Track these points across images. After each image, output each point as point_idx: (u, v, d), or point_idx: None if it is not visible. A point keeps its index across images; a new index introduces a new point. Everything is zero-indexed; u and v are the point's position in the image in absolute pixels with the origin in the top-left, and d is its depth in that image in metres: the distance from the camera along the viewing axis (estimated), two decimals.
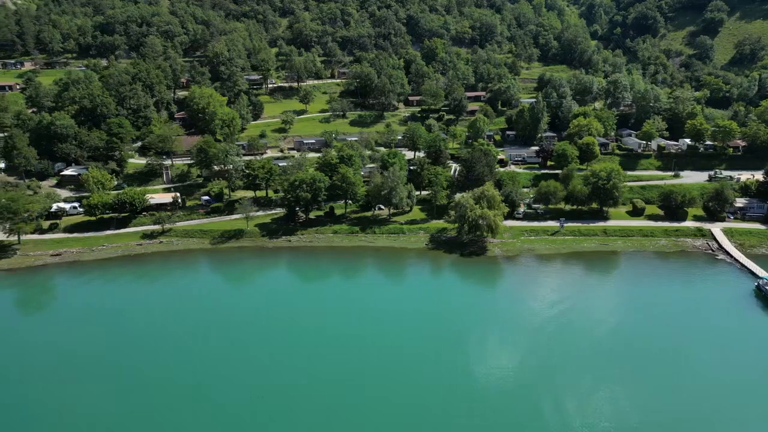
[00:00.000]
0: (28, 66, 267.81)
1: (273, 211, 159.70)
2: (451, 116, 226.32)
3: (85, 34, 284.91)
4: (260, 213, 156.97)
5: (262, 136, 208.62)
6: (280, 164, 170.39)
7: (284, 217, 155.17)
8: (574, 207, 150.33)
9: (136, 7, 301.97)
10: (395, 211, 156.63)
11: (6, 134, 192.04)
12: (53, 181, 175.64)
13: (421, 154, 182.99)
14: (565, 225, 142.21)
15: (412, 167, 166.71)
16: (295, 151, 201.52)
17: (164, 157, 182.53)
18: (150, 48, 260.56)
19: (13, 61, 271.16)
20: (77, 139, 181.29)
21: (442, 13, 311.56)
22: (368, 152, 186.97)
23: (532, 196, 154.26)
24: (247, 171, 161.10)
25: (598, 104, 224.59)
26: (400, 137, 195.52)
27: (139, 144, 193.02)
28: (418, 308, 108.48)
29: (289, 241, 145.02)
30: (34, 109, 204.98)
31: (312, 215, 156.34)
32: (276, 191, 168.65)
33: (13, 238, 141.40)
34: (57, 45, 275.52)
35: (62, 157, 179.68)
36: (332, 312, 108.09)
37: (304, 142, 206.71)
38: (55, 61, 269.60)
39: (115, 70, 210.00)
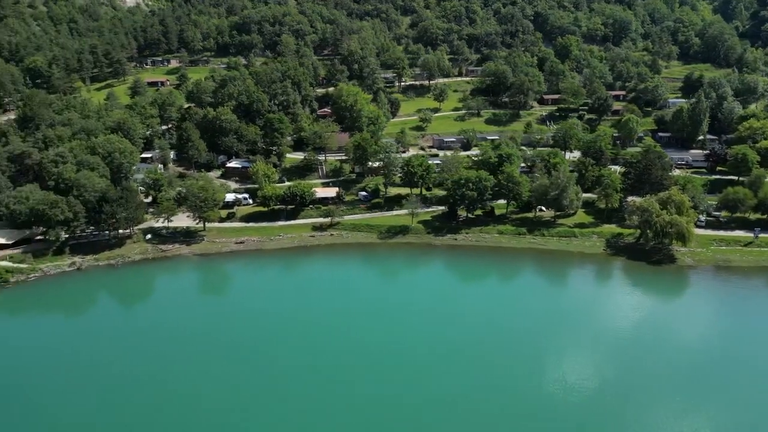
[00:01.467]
0: (174, 63, 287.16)
1: (430, 209, 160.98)
2: (592, 116, 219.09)
3: (222, 33, 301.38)
4: (421, 210, 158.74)
5: (401, 133, 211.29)
6: (430, 162, 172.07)
7: (445, 215, 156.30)
8: (764, 216, 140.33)
9: (268, 8, 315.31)
10: (558, 213, 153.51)
11: (169, 126, 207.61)
12: (217, 172, 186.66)
13: (574, 155, 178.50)
14: (759, 235, 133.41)
15: (570, 169, 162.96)
16: (435, 149, 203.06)
17: (320, 152, 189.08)
18: (285, 46, 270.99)
19: (160, 58, 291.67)
20: (237, 133, 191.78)
21: (570, 9, 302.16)
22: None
23: (712, 202, 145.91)
24: (406, 168, 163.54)
25: (758, 105, 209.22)
26: (550, 136, 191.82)
27: (289, 139, 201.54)
28: (630, 323, 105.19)
29: (455, 239, 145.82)
30: (191, 104, 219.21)
31: (470, 214, 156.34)
32: (428, 188, 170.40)
33: (200, 225, 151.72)
34: (198, 44, 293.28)
35: (225, 150, 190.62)
36: (541, 319, 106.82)
37: (445, 140, 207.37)
38: (197, 59, 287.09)
39: (268, 68, 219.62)
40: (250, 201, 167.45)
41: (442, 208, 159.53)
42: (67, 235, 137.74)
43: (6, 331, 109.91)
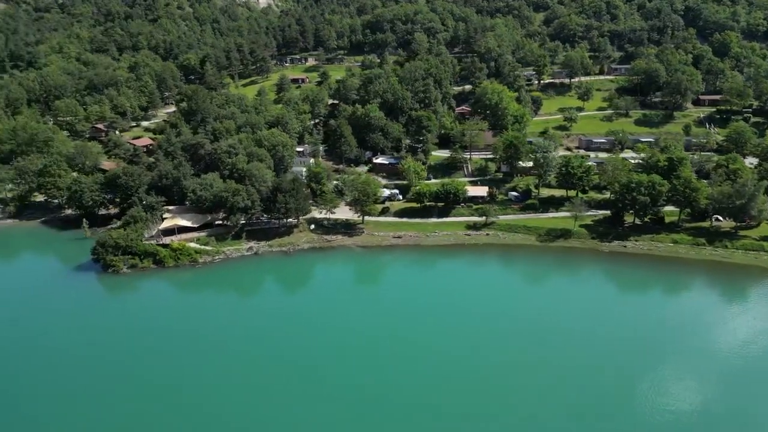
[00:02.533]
0: (310, 62, 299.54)
1: (588, 213, 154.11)
2: (758, 119, 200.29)
3: (355, 31, 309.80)
4: (582, 214, 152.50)
5: (544, 132, 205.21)
6: (588, 163, 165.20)
7: (609, 220, 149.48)
8: None
9: (400, 6, 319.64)
10: (740, 224, 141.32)
11: (317, 122, 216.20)
12: (364, 168, 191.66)
13: (748, 161, 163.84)
14: None
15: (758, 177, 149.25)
16: (582, 150, 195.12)
17: (465, 150, 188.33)
18: (419, 44, 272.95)
19: (298, 56, 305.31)
20: (383, 130, 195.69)
21: (727, 3, 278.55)
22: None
23: None
24: (565, 169, 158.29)
25: None
26: (717, 139, 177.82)
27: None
28: None
29: (624, 246, 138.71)
30: (336, 101, 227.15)
31: (639, 220, 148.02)
32: (584, 191, 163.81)
33: (358, 218, 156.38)
34: (333, 42, 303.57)
35: (371, 146, 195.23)
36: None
37: (594, 141, 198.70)
38: (332, 57, 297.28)
39: (411, 66, 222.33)
40: (400, 197, 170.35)
41: (604, 212, 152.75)
42: (243, 222, 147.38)
43: (195, 305, 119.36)
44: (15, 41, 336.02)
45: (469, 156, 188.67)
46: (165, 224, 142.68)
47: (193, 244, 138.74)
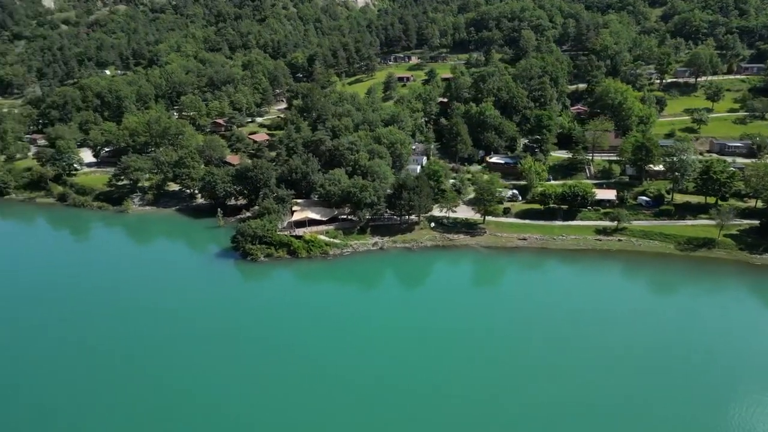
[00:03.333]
0: (413, 60, 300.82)
1: (734, 222, 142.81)
2: None
3: (458, 29, 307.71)
4: (727, 223, 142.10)
5: (670, 135, 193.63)
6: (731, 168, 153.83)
7: (757, 230, 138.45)
8: None
9: (505, 3, 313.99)
10: None
11: (428, 120, 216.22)
12: (477, 167, 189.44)
13: None
14: None
15: None
16: (714, 154, 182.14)
17: (586, 151, 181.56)
18: (526, 41, 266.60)
19: (401, 55, 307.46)
20: (497, 129, 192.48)
21: None
22: None
23: None
24: (706, 174, 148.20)
25: None
26: None
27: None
28: None
29: None
30: (445, 99, 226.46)
31: None
32: (724, 198, 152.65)
33: (479, 218, 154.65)
34: (436, 40, 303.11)
35: (485, 145, 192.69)
36: None
37: (728, 145, 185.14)
38: (435, 55, 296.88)
39: (527, 63, 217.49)
40: (519, 198, 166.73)
41: (750, 222, 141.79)
42: (368, 217, 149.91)
43: (329, 295, 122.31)
44: (136, 40, 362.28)
45: (591, 157, 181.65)
46: (296, 216, 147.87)
47: (323, 237, 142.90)
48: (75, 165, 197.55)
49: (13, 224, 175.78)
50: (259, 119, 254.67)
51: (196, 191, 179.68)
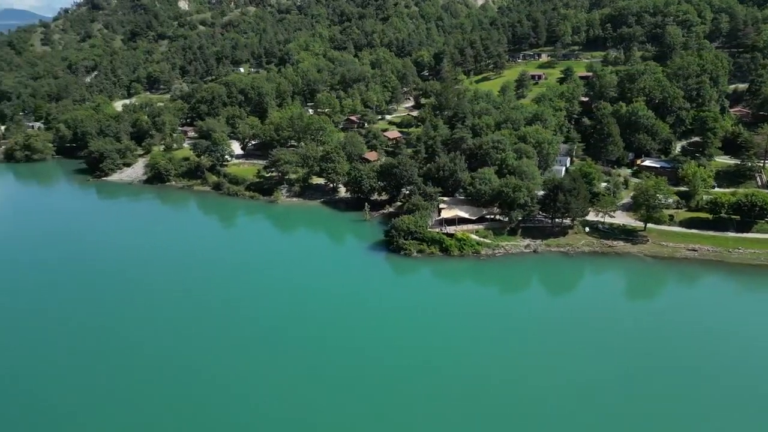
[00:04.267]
0: (543, 58, 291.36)
1: None
2: None
3: (592, 26, 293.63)
4: None
5: None
6: None
7: None
8: None
9: None
10: None
11: (570, 119, 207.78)
12: (626, 170, 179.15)
13: None
14: None
15: None
16: None
17: (757, 158, 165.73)
18: (672, 38, 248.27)
19: (531, 53, 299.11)
20: (650, 130, 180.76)
21: None
22: None
23: None
24: None
25: None
26: None
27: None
28: None
29: None
30: (588, 98, 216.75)
31: None
32: None
33: (638, 224, 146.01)
34: (568, 37, 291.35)
35: (636, 147, 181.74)
36: None
37: None
38: (569, 53, 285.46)
39: (683, 61, 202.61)
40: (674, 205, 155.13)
41: None
42: (520, 218, 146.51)
43: (485, 295, 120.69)
44: (267, 40, 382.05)
45: (762, 164, 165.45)
46: (446, 214, 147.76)
47: (473, 236, 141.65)
48: (226, 156, 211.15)
49: (183, 209, 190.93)
50: (388, 117, 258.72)
51: (340, 185, 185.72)
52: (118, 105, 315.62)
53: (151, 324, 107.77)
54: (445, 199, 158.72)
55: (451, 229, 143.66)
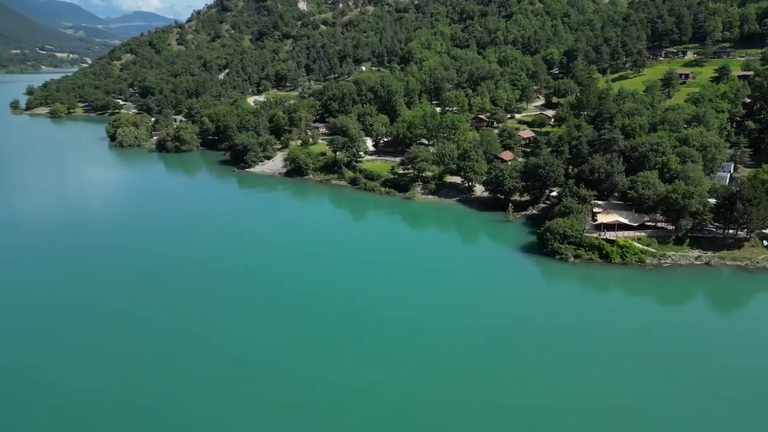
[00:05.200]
0: (689, 56, 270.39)
1: None
2: None
3: (747, 21, 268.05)
4: None
5: None
6: None
7: None
8: None
9: None
10: None
11: (733, 122, 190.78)
12: None
13: None
14: None
15: None
16: None
17: None
18: None
19: (674, 50, 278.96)
20: None
21: None
22: None
23: None
24: None
25: None
26: None
27: None
28: None
29: None
30: (746, 100, 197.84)
31: None
32: None
33: None
34: (718, 34, 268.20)
35: None
36: None
37: None
38: (720, 50, 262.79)
39: None
40: None
41: None
42: (689, 227, 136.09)
43: (658, 311, 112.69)
44: (387, 38, 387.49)
45: None
46: (604, 219, 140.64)
47: (636, 244, 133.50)
48: (361, 153, 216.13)
49: (322, 202, 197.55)
50: (517, 116, 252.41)
51: (476, 184, 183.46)
52: (249, 101, 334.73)
53: (285, 325, 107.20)
54: (599, 203, 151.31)
55: (609, 235, 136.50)
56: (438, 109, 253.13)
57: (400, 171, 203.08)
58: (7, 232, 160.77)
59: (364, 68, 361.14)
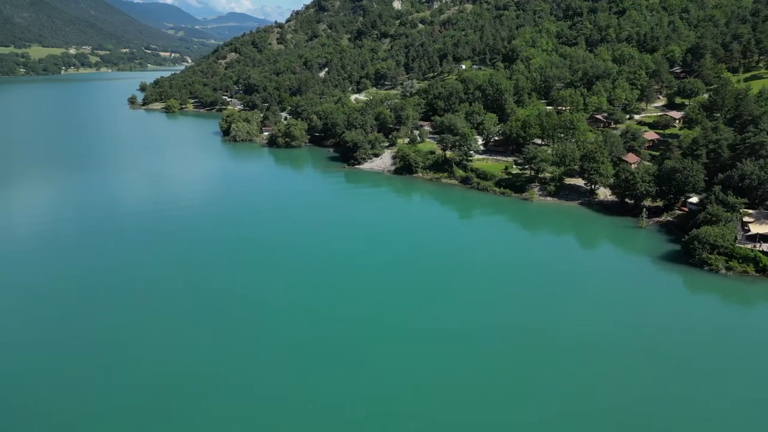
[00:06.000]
0: None
1: None
2: None
3: None
4: None
5: None
6: None
7: None
8: None
9: None
10: None
11: None
12: None
13: None
14: None
15: None
16: None
17: None
18: None
19: None
20: None
21: None
22: None
23: None
24: None
25: None
26: None
27: None
28: None
29: None
30: None
31: None
32: None
33: None
34: None
35: None
36: None
37: None
38: None
39: None
40: None
41: None
42: None
43: None
44: (489, 36, 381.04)
45: None
46: (760, 229, 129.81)
47: None
48: (471, 152, 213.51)
49: (436, 200, 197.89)
50: (636, 116, 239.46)
51: (600, 187, 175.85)
52: (350, 99, 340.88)
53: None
54: (750, 211, 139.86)
55: (766, 247, 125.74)
56: (549, 108, 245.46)
57: (514, 171, 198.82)
58: (159, 216, 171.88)
59: (464, 66, 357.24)
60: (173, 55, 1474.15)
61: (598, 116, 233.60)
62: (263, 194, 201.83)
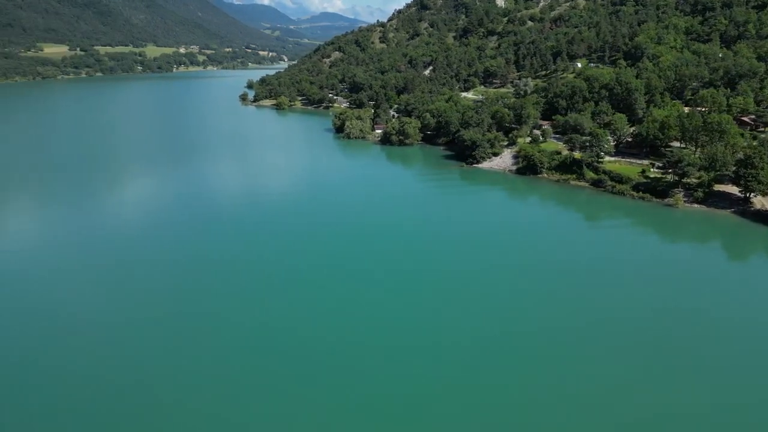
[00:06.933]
0: None
1: None
2: None
3: None
4: None
5: None
6: None
7: None
8: None
9: None
10: None
11: None
12: None
13: None
14: None
15: None
16: None
17: None
18: None
19: None
20: None
21: None
22: None
23: None
24: None
25: None
26: None
27: None
28: None
29: None
30: None
31: None
32: None
33: None
34: None
35: None
36: None
37: None
38: None
39: None
40: None
41: None
42: None
43: None
44: (605, 33, 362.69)
45: None
46: None
47: None
48: (602, 153, 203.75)
49: (572, 203, 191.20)
50: None
51: (757, 195, 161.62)
52: (461, 97, 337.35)
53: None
54: None
55: None
56: (687, 109, 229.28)
57: (652, 174, 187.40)
58: (299, 205, 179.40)
59: (579, 64, 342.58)
60: (271, 54, 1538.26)
61: (744, 118, 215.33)
62: (391, 187, 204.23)
